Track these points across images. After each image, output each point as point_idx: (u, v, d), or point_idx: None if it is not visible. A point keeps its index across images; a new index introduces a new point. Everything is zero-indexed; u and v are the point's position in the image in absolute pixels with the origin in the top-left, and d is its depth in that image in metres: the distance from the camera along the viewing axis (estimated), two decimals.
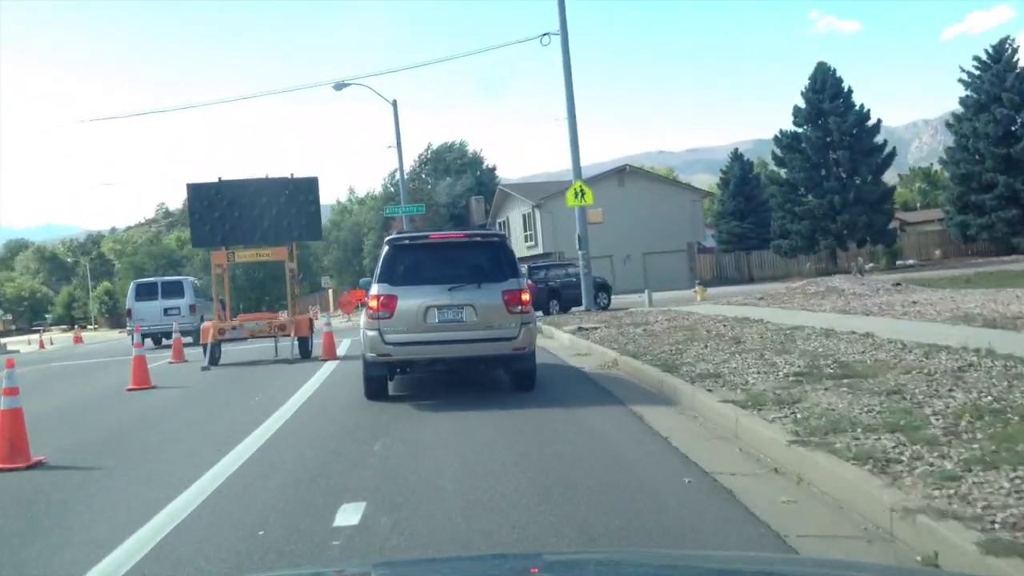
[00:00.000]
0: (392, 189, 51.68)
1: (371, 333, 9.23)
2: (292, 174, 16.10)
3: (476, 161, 62.21)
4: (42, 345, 43.70)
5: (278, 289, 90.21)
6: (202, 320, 21.20)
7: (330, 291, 68.77)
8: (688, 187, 53.05)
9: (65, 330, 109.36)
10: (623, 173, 48.61)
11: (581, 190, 23.31)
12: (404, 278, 9.35)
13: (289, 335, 15.24)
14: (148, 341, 23.63)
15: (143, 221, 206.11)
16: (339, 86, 37.35)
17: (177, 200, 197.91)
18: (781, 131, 43.99)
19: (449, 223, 56.22)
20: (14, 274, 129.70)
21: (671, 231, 46.13)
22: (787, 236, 43.97)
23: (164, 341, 25.46)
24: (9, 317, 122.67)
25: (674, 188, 50.38)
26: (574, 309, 23.71)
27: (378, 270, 9.56)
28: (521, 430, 7.43)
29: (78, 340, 56.43)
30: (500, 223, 53.48)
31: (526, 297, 9.36)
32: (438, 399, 9.75)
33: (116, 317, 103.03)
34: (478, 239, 10.38)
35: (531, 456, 6.34)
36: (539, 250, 47.91)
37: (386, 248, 9.77)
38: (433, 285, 9.25)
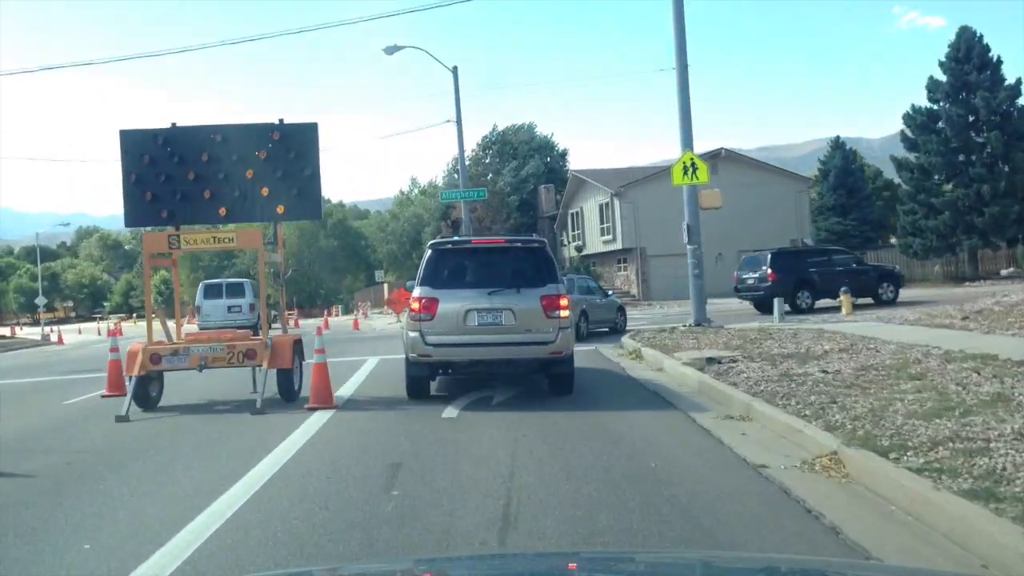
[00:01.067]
0: (455, 176, 46.39)
1: (413, 334, 9.60)
2: (281, 120, 10.61)
3: (546, 145, 56.19)
4: (60, 340, 39.62)
5: (334, 282, 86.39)
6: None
7: (385, 285, 63.86)
8: (793, 175, 46.17)
9: (123, 319, 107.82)
10: (717, 158, 42.08)
11: (692, 164, 17.33)
12: (445, 282, 9.65)
13: (262, 365, 9.73)
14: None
15: None
16: (391, 49, 32.04)
17: None
18: (913, 107, 36.88)
19: (515, 213, 50.57)
20: (77, 261, 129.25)
21: (772, 226, 39.51)
22: (919, 233, 36.81)
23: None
24: (70, 303, 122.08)
25: (777, 176, 43.63)
26: (686, 323, 17.72)
27: (420, 273, 9.83)
28: None
29: (115, 332, 52.20)
30: (572, 214, 47.55)
31: (564, 303, 9.54)
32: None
33: (173, 307, 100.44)
34: (518, 245, 10.57)
35: None
36: (617, 245, 41.88)
37: (428, 252, 10.08)
38: (473, 289, 9.56)
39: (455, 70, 32.50)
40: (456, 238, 11.62)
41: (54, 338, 41.48)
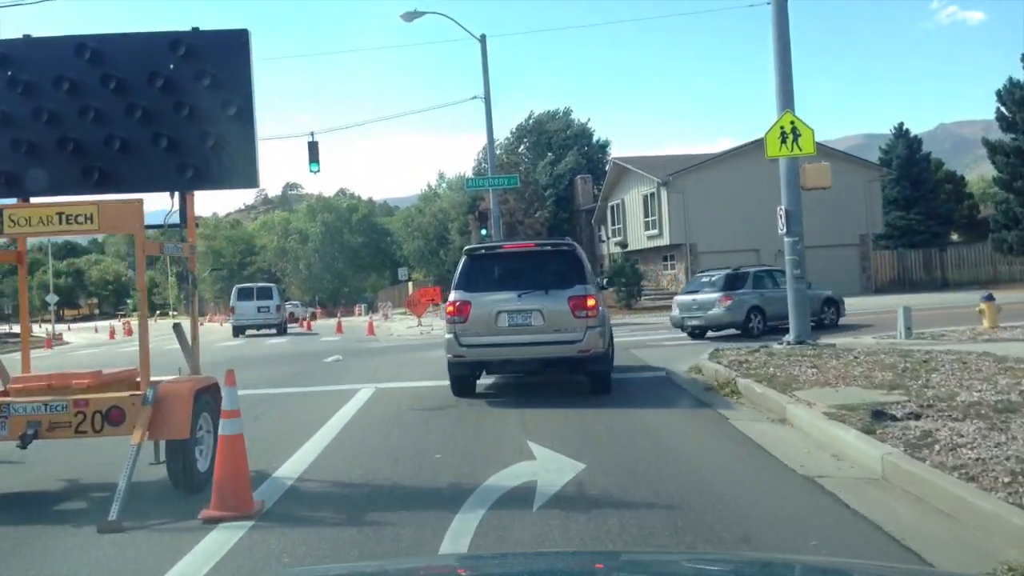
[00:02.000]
0: (485, 166, 42.24)
1: (448, 336, 10.02)
2: (196, 28, 6.59)
3: (583, 134, 51.76)
4: (49, 344, 36.17)
5: (358, 280, 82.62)
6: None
7: (410, 284, 59.94)
8: (863, 162, 41.24)
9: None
10: None
11: (792, 129, 13.07)
12: (478, 285, 10.09)
13: (133, 433, 5.62)
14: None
15: (243, 207, 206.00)
16: (411, 16, 28.07)
17: (277, 186, 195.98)
18: (1010, 80, 32.09)
19: (551, 204, 46.30)
20: (101, 257, 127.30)
21: (839, 219, 34.85)
22: (1016, 225, 31.96)
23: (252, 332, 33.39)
24: (95, 300, 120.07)
25: (844, 164, 38.71)
26: (783, 340, 13.36)
27: (456, 278, 10.41)
28: None
29: (118, 333, 49.13)
30: (612, 207, 43.17)
31: (592, 302, 9.75)
32: None
33: (197, 304, 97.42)
34: (548, 248, 10.88)
35: None
36: (664, 241, 37.52)
37: (463, 258, 10.63)
38: (504, 291, 9.95)
39: (483, 39, 28.44)
40: (489, 244, 11.63)
41: (65, 337, 37.99)
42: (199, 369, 6.79)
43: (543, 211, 44.94)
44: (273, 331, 33.40)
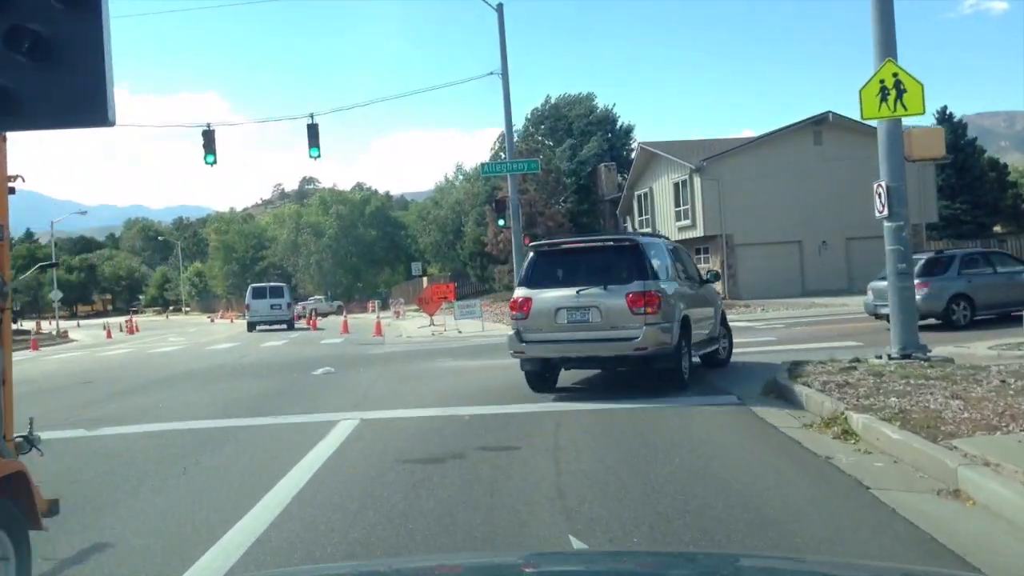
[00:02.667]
0: (502, 156, 39.46)
1: (511, 332, 10.26)
2: None
3: (607, 119, 48.63)
4: (35, 345, 33.77)
5: (371, 275, 79.93)
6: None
7: (425, 280, 57.22)
8: None
9: (158, 312, 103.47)
10: (822, 125, 34.47)
11: (896, 83, 10.13)
12: (540, 281, 10.17)
13: None
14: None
15: (259, 202, 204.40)
16: None
17: (294, 180, 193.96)
18: None
19: (572, 196, 43.38)
20: (115, 252, 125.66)
21: None
22: None
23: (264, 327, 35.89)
24: (109, 296, 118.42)
25: None
26: (881, 353, 10.42)
27: (520, 274, 11.02)
28: None
29: (117, 333, 47.08)
30: (639, 196, 40.20)
31: (651, 299, 9.52)
32: None
33: (207, 300, 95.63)
34: (611, 243, 10.67)
35: None
36: (697, 232, 34.59)
37: (529, 254, 10.93)
38: (564, 288, 9.91)
39: (500, 8, 25.61)
40: (554, 239, 11.91)
41: (71, 335, 35.61)
42: (10, 439, 4.00)
43: (565, 201, 42.03)
44: (283, 326, 36.60)
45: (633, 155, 46.83)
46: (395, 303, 47.19)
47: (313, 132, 25.20)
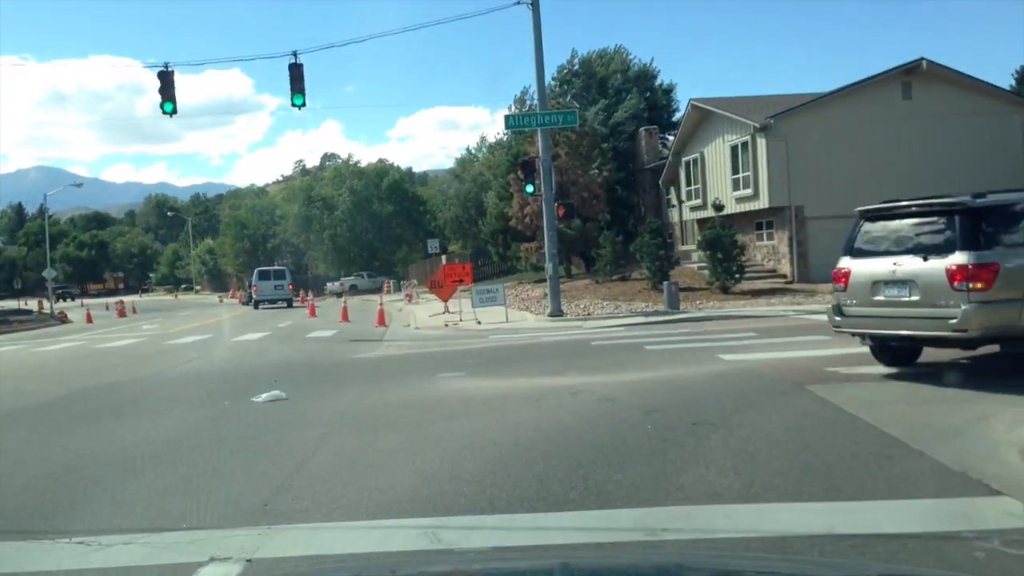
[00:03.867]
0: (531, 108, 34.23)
1: (832, 304, 9.80)
2: None
3: (645, 75, 43.05)
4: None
5: (388, 252, 75.07)
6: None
7: (443, 258, 52.25)
8: (1019, 99, 32.28)
9: (169, 291, 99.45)
10: (913, 75, 28.82)
11: None
12: (862, 250, 9.32)
13: None
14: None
15: (280, 178, 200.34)
16: None
17: (315, 157, 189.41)
18: None
19: (611, 162, 38.07)
20: (129, 229, 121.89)
21: (987, 171, 26.08)
22: None
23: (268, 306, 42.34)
24: (120, 274, 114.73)
25: (997, 101, 29.95)
26: None
27: (845, 242, 9.72)
28: None
29: (102, 315, 42.66)
30: (687, 162, 34.82)
31: (979, 273, 8.23)
32: None
33: (218, 279, 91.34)
34: (937, 207, 8.99)
35: None
36: (760, 204, 29.28)
37: (856, 220, 9.74)
38: (884, 258, 9.05)
39: None
40: (886, 203, 9.82)
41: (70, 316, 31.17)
42: None
43: (604, 170, 36.75)
44: (284, 304, 42.67)
45: (677, 116, 41.32)
46: (407, 285, 42.41)
47: (296, 75, 20.34)
